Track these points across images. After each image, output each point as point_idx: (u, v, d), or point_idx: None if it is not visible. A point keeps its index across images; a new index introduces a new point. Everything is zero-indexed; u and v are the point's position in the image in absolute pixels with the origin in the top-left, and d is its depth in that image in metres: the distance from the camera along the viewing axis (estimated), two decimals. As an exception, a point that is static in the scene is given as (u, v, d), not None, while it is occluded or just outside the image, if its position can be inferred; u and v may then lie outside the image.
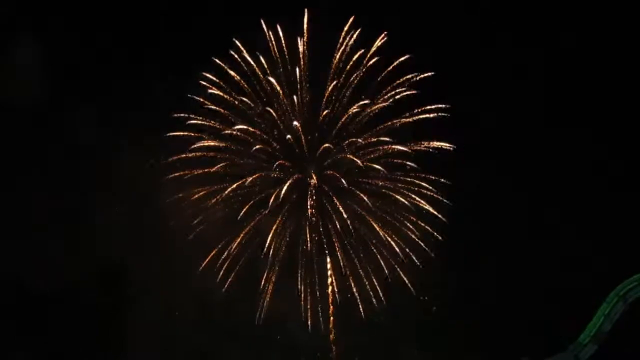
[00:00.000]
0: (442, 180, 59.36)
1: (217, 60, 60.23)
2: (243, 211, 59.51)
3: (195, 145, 60.32)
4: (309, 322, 60.55)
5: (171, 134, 60.08)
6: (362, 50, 59.99)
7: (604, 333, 55.59)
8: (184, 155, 60.08)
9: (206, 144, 60.49)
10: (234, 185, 59.96)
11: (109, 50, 66.27)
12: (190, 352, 60.79)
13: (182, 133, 60.29)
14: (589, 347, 55.71)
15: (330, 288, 61.36)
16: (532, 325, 59.39)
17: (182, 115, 59.99)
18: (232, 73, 60.30)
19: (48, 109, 63.25)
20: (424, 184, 59.51)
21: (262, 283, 60.17)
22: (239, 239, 59.90)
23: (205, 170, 60.35)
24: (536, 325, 59.40)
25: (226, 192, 59.78)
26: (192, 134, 60.22)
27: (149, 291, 60.21)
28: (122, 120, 61.99)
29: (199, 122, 60.31)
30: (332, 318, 61.55)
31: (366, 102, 60.19)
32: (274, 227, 59.84)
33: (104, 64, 65.39)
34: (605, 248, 58.80)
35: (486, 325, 59.36)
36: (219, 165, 60.41)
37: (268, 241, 59.56)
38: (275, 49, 60.05)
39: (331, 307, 61.51)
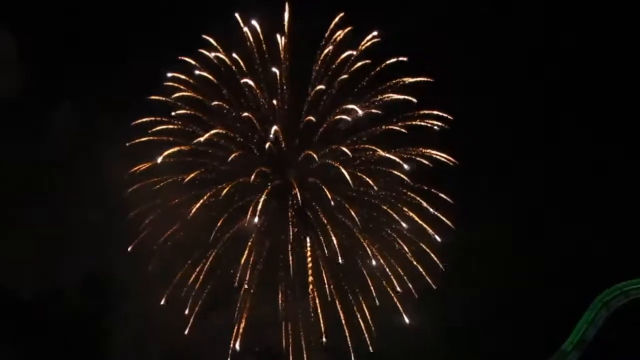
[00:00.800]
0: (437, 191, 56.99)
1: (188, 60, 57.60)
2: (218, 224, 56.51)
3: (169, 152, 57.33)
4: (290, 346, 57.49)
5: (135, 140, 57.41)
6: (351, 52, 57.45)
7: (588, 341, 56.42)
8: (153, 162, 57.42)
9: (183, 148, 57.58)
10: (213, 191, 57.17)
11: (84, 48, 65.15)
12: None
13: (154, 138, 57.66)
14: (573, 355, 56.30)
15: (312, 295, 57.76)
16: (532, 326, 58.46)
17: (148, 120, 57.54)
18: (205, 74, 57.56)
19: (23, 108, 62.54)
20: (415, 196, 56.94)
21: (238, 305, 57.26)
22: (214, 253, 56.88)
23: (180, 178, 57.51)
24: (535, 326, 58.49)
25: (201, 201, 56.62)
26: (170, 139, 57.63)
27: (130, 298, 59.26)
28: (99, 122, 61.18)
29: (172, 127, 57.79)
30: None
31: (353, 107, 57.05)
32: (248, 244, 56.57)
33: (80, 63, 64.19)
34: (605, 248, 58.90)
35: (485, 326, 58.51)
36: (194, 173, 57.38)
37: (243, 260, 56.27)
38: (254, 47, 57.28)
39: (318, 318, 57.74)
